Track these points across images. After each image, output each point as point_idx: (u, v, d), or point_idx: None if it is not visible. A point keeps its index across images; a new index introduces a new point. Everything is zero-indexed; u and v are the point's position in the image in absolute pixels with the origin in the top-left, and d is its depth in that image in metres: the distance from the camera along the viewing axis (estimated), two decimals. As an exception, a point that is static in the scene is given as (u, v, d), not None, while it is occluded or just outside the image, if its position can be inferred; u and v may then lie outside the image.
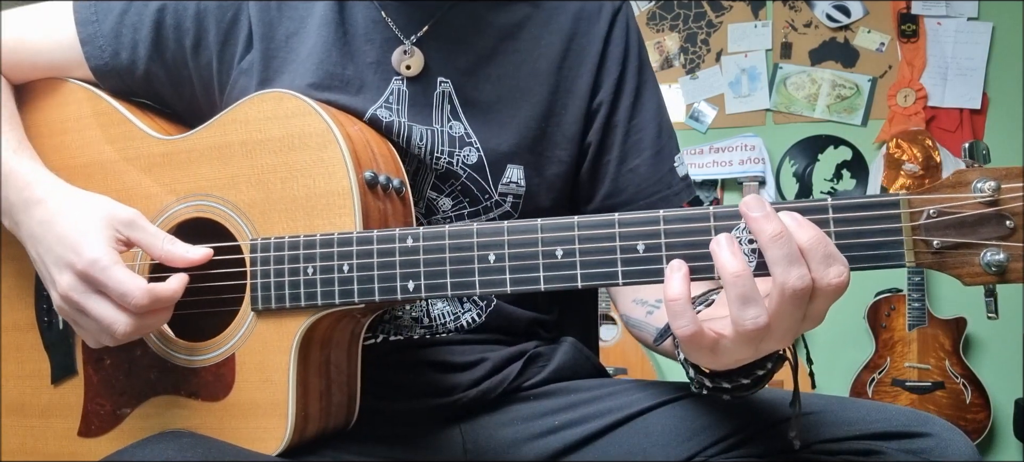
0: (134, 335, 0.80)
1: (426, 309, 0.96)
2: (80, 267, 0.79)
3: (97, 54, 0.97)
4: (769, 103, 3.29)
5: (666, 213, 0.69)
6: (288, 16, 0.96)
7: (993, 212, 0.62)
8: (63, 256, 0.81)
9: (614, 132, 1.02)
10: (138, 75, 0.98)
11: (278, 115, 0.85)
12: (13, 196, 0.87)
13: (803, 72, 3.27)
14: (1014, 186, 0.62)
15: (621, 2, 1.05)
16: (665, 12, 3.41)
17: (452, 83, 0.96)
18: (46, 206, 0.85)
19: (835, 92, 3.25)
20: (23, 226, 0.86)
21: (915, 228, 0.64)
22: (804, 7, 3.28)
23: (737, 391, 0.75)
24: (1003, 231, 0.62)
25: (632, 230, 0.70)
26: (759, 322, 0.63)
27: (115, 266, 0.79)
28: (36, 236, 0.84)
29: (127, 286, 0.78)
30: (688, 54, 3.38)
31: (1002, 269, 0.62)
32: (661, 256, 0.69)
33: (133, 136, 0.93)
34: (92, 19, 0.97)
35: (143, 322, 0.80)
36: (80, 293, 0.80)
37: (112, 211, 0.84)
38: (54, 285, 0.82)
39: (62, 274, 0.81)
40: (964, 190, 0.63)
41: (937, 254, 0.64)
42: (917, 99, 3.14)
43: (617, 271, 0.70)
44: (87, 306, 0.80)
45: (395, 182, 0.86)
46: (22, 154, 0.91)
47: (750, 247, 0.65)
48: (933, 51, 3.15)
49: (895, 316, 2.93)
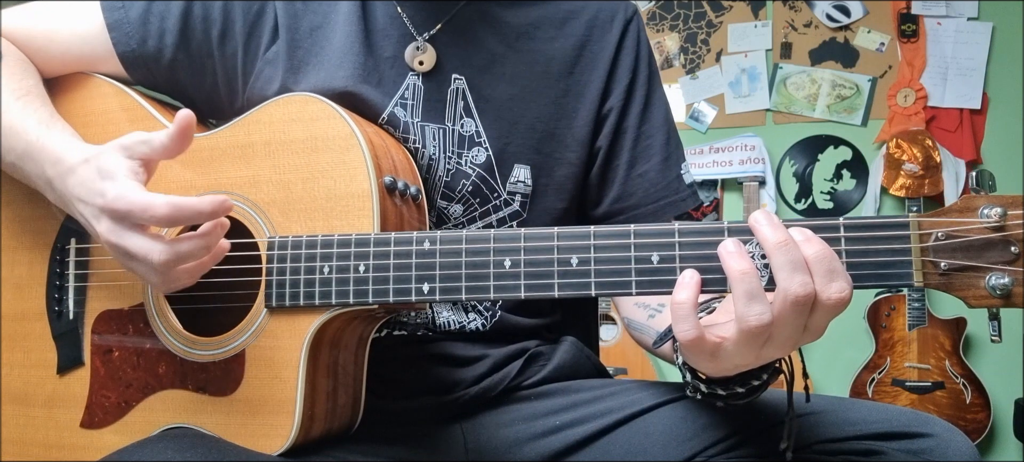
0: (173, 264, 0.77)
1: (431, 317, 0.97)
2: (109, 207, 0.78)
3: (124, 40, 0.98)
4: (769, 103, 3.30)
5: (681, 226, 0.70)
6: (313, 10, 0.98)
7: (999, 237, 0.64)
8: (94, 203, 0.80)
9: (624, 137, 1.03)
10: (164, 64, 0.98)
11: (302, 117, 0.86)
12: (50, 172, 0.86)
13: (803, 72, 3.28)
14: (1019, 213, 0.64)
15: (633, 11, 1.07)
16: (665, 12, 3.41)
17: (466, 79, 0.97)
18: (80, 170, 0.83)
19: (835, 92, 3.25)
20: (65, 196, 0.85)
21: (924, 249, 0.66)
22: (804, 7, 3.28)
23: (731, 399, 0.76)
24: (1008, 256, 0.64)
25: (647, 241, 0.71)
26: (763, 319, 0.64)
27: (134, 191, 0.76)
28: (78, 197, 0.83)
29: (147, 199, 0.75)
30: (688, 54, 3.38)
31: (1006, 293, 0.64)
32: (675, 267, 0.70)
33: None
34: (119, 7, 0.98)
35: (179, 248, 0.76)
36: (117, 234, 0.78)
37: (117, 142, 0.81)
38: (99, 237, 0.81)
39: (100, 222, 0.79)
40: (971, 215, 0.65)
41: (944, 276, 0.66)
42: (917, 99, 3.14)
43: (631, 281, 0.71)
44: (125, 244, 0.77)
45: (412, 189, 0.87)
46: (53, 127, 0.89)
47: (762, 262, 0.67)
48: (933, 51, 3.15)
49: (895, 316, 2.94)
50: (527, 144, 0.99)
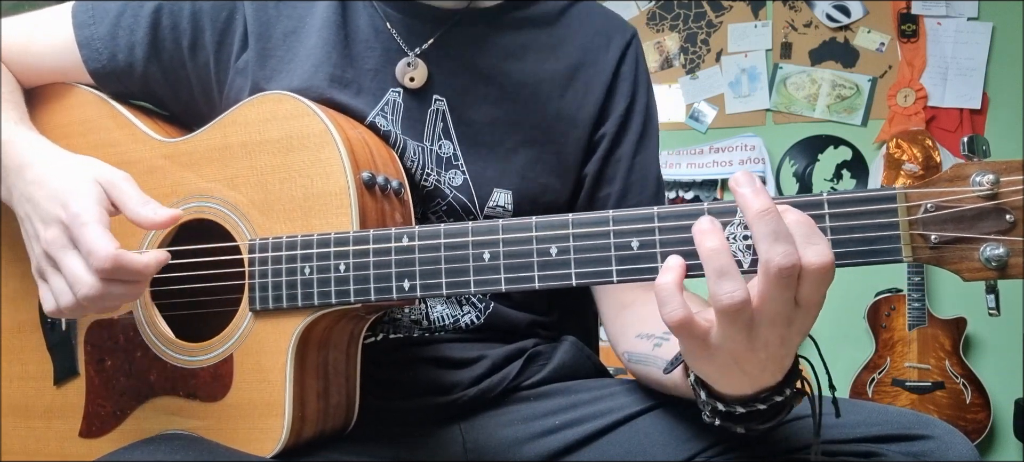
0: (98, 303, 0.77)
1: (425, 312, 0.96)
2: (65, 219, 0.78)
3: (94, 57, 0.97)
4: (769, 103, 3.29)
5: (661, 210, 0.68)
6: (286, 15, 0.96)
7: (992, 206, 0.61)
8: (51, 211, 0.80)
9: (617, 166, 1.01)
10: (136, 77, 0.98)
11: (277, 116, 0.85)
12: (10, 163, 0.87)
13: (803, 72, 3.27)
14: (1014, 179, 0.60)
15: (632, 34, 1.05)
16: (665, 12, 3.40)
17: (447, 101, 0.95)
18: (40, 167, 0.84)
19: (835, 92, 3.24)
20: (16, 189, 0.86)
21: (912, 222, 0.63)
22: (804, 7, 3.28)
23: (753, 422, 0.71)
24: (1003, 225, 0.61)
25: (626, 227, 0.69)
26: (735, 297, 0.61)
27: (94, 224, 0.77)
28: (27, 195, 0.83)
29: (95, 244, 0.75)
30: (688, 54, 3.38)
31: (1002, 264, 0.61)
32: (656, 253, 0.68)
33: (136, 138, 0.94)
34: (89, 22, 0.98)
35: (108, 289, 0.76)
36: (59, 247, 0.78)
37: (101, 171, 0.83)
38: (38, 240, 0.81)
39: (48, 228, 0.79)
40: (962, 184, 0.62)
41: (935, 249, 0.62)
42: (917, 99, 3.13)
43: (611, 270, 0.69)
44: (61, 260, 0.78)
45: (394, 183, 0.86)
46: (21, 126, 0.91)
47: (745, 243, 0.64)
48: (933, 51, 3.14)
49: (895, 316, 2.93)
50: (509, 169, 0.96)
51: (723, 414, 0.72)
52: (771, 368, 0.67)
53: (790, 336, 0.64)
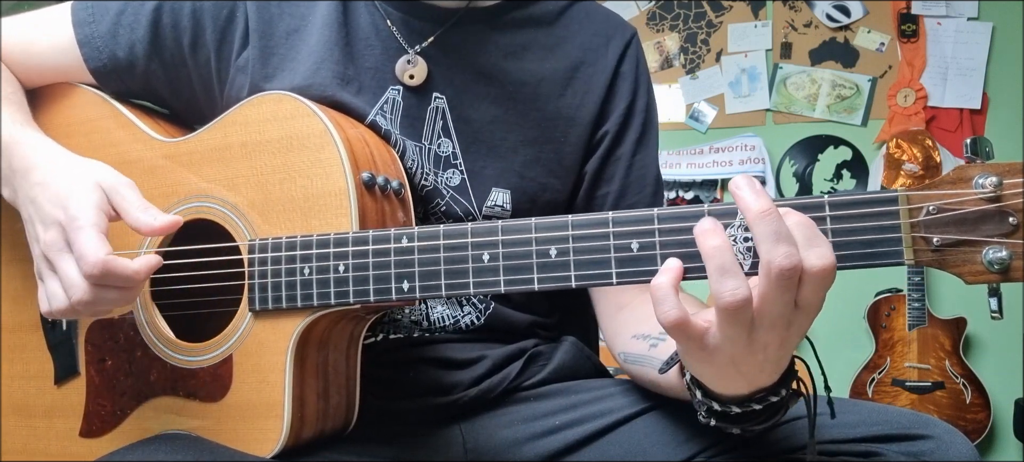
0: (92, 307, 0.78)
1: (425, 312, 0.96)
2: (63, 222, 0.78)
3: (95, 56, 0.97)
4: (769, 103, 3.29)
5: (660, 212, 0.68)
6: (289, 13, 0.96)
7: (995, 208, 0.60)
8: (52, 213, 0.80)
9: (616, 165, 1.01)
10: (137, 75, 0.98)
11: (277, 116, 0.85)
12: (16, 164, 0.87)
13: (803, 72, 3.27)
14: (1017, 182, 0.60)
15: (632, 34, 1.04)
16: (665, 12, 3.40)
17: (447, 99, 0.95)
18: (45, 170, 0.84)
19: (835, 92, 3.24)
20: (21, 190, 0.86)
21: (914, 225, 0.62)
22: (804, 7, 3.28)
23: (748, 422, 0.71)
24: (1006, 228, 0.60)
25: (626, 229, 0.69)
26: (738, 294, 0.60)
27: (88, 228, 0.77)
28: (31, 197, 0.84)
29: (85, 249, 0.75)
30: (688, 54, 3.38)
31: (1005, 267, 0.60)
32: (655, 255, 0.67)
33: (137, 138, 0.94)
34: (89, 21, 0.98)
35: (99, 294, 0.77)
36: (57, 249, 0.78)
37: (104, 175, 0.83)
38: (38, 241, 0.81)
39: (48, 230, 0.80)
40: (965, 186, 0.61)
41: (937, 252, 0.62)
42: (917, 99, 3.13)
43: (611, 271, 0.69)
44: (57, 262, 0.78)
45: (394, 183, 0.86)
46: (28, 128, 0.91)
47: (745, 245, 0.64)
48: (933, 51, 3.14)
49: (895, 316, 2.93)
50: (508, 168, 0.96)
51: (719, 414, 0.71)
52: (768, 369, 0.67)
53: (789, 338, 0.64)
